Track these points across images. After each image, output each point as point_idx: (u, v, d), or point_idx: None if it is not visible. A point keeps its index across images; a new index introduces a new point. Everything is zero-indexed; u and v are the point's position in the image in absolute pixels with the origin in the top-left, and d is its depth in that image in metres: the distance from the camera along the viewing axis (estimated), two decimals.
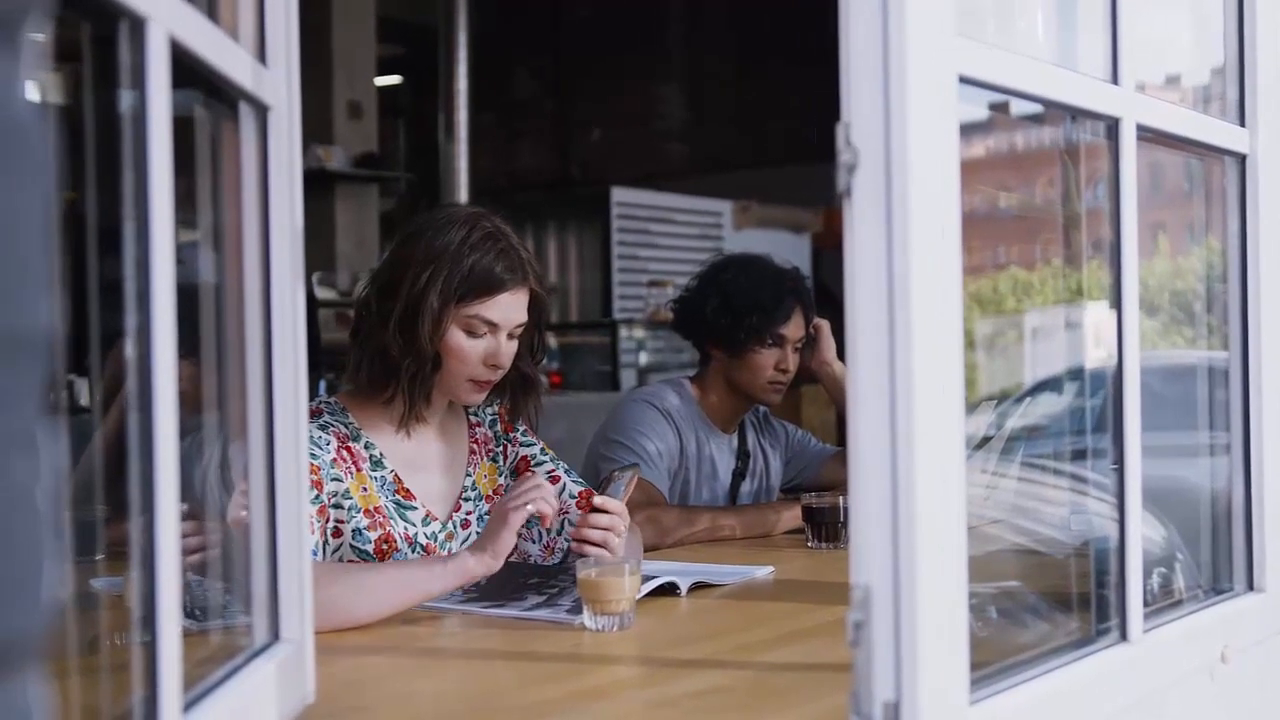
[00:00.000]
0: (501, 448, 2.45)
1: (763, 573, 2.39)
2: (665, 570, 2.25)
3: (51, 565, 0.59)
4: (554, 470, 2.44)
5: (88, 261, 1.06)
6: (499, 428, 2.46)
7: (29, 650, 0.57)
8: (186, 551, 1.62)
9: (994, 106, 1.50)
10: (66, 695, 1.10)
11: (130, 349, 1.03)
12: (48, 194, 0.59)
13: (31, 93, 0.59)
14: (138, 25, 1.01)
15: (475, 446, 2.42)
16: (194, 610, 1.39)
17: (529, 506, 2.02)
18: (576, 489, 2.41)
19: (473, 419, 2.45)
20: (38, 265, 0.58)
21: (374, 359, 2.23)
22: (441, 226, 2.23)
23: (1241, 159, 1.84)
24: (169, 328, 1.04)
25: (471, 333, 2.22)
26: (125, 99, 1.03)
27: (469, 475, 2.38)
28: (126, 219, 1.03)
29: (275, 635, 1.40)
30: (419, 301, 2.18)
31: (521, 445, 2.47)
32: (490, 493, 2.40)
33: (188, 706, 1.11)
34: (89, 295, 1.05)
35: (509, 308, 2.25)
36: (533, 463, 2.45)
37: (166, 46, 1.04)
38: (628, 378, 7.60)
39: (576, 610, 1.93)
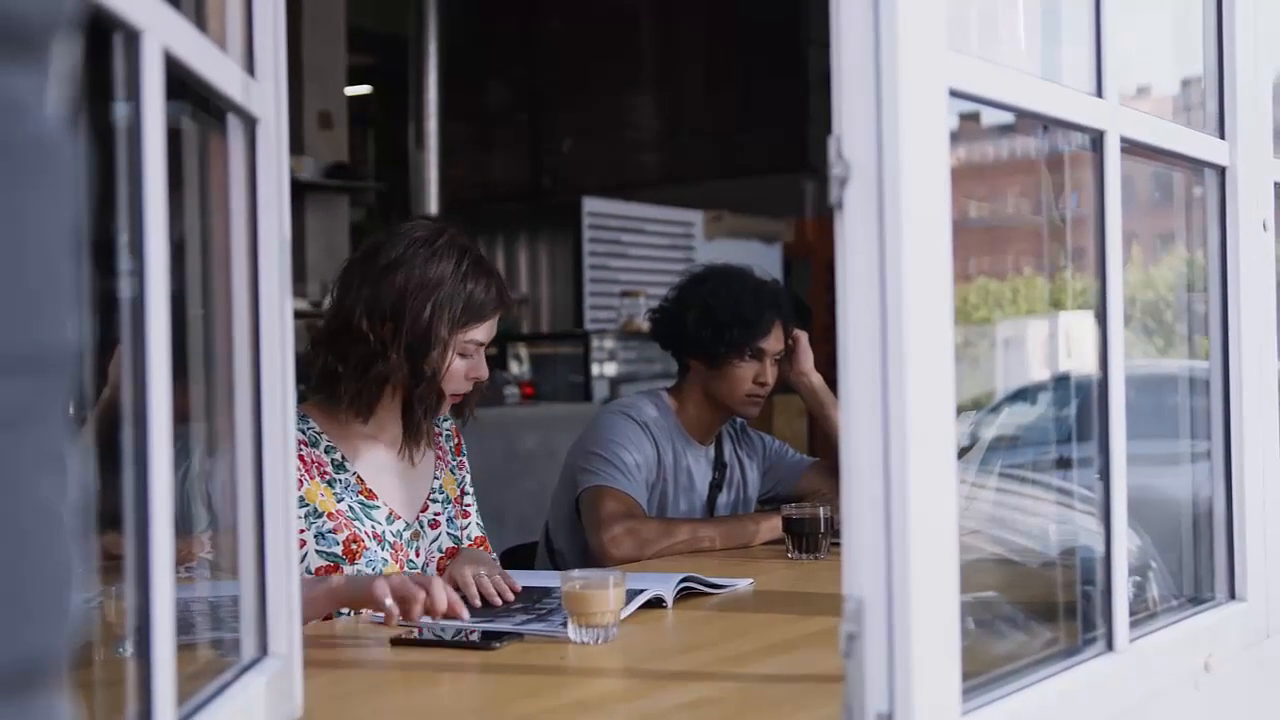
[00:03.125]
0: (458, 461, 2.56)
1: (744, 584, 2.39)
2: (648, 582, 2.24)
3: (76, 585, 0.58)
4: (470, 506, 2.55)
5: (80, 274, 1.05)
6: (452, 444, 2.55)
7: (59, 666, 0.57)
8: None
9: (965, 116, 1.51)
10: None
11: (124, 361, 1.02)
12: (76, 209, 0.59)
13: (58, 108, 0.59)
14: (132, 37, 1.00)
15: (440, 453, 2.50)
16: (179, 623, 1.39)
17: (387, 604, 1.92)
18: (476, 533, 2.51)
19: (434, 427, 2.51)
20: (66, 281, 0.58)
21: (376, 385, 2.29)
22: (428, 256, 2.29)
23: (1221, 170, 1.85)
24: (163, 339, 1.03)
25: (464, 354, 2.33)
26: (119, 110, 1.03)
27: (436, 478, 2.46)
28: (120, 230, 1.03)
29: (264, 650, 1.39)
30: (428, 333, 2.27)
31: (466, 471, 2.57)
32: (453, 498, 2.49)
33: None
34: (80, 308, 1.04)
35: (494, 327, 2.38)
36: (464, 492, 2.55)
37: (161, 58, 1.03)
38: (600, 388, 7.59)
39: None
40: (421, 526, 2.40)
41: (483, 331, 2.34)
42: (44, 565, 0.55)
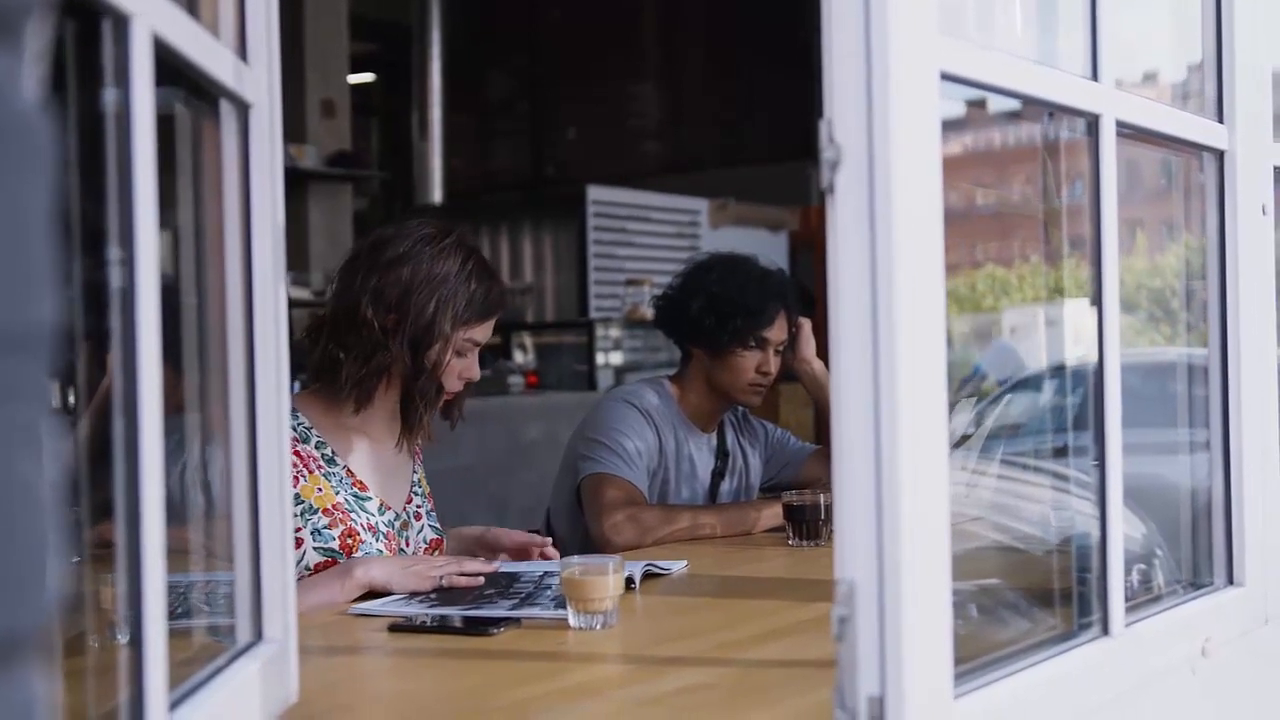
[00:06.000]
0: (422, 460, 2.59)
1: (677, 567, 2.41)
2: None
3: (54, 560, 0.59)
4: (429, 506, 2.56)
5: (69, 262, 1.06)
6: (421, 442, 2.58)
7: (34, 644, 0.58)
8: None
9: (971, 103, 1.51)
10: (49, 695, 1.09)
11: (114, 351, 1.03)
12: (51, 190, 0.59)
13: (33, 88, 0.59)
14: (121, 22, 1.00)
15: (417, 450, 2.54)
16: (175, 610, 1.39)
17: (442, 581, 2.17)
18: (430, 535, 2.51)
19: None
20: (42, 261, 0.58)
21: (376, 375, 2.32)
22: (435, 253, 2.33)
23: (1220, 155, 1.85)
24: (153, 328, 1.03)
25: (459, 353, 2.36)
26: (108, 96, 1.03)
27: (415, 472, 2.51)
28: (109, 218, 1.03)
29: (259, 635, 1.39)
30: (430, 328, 2.30)
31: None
32: (428, 493, 2.54)
33: (173, 706, 1.10)
34: (70, 296, 1.05)
35: (490, 328, 2.41)
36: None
37: (150, 44, 1.03)
38: (604, 377, 7.59)
39: (561, 605, 1.93)
40: (408, 517, 2.44)
41: (481, 331, 2.37)
42: (19, 541, 0.56)
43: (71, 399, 1.38)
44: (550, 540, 2.51)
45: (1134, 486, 1.64)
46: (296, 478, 2.25)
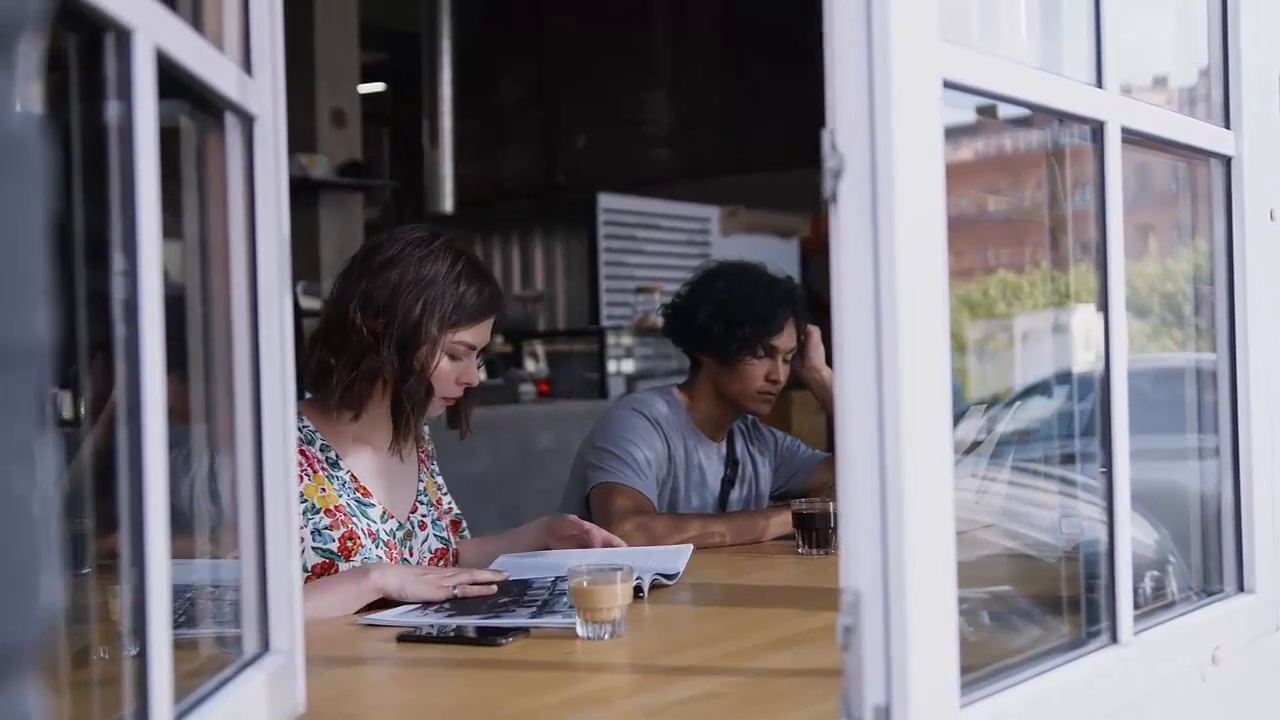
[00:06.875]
0: (436, 465, 2.60)
1: (684, 557, 2.43)
2: (652, 558, 2.35)
3: (48, 574, 0.59)
4: (435, 515, 2.54)
5: (73, 273, 1.06)
6: (432, 448, 2.59)
7: (27, 658, 0.58)
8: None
9: (981, 110, 1.51)
10: (57, 707, 1.09)
11: (118, 361, 1.03)
12: (44, 205, 0.60)
13: (27, 104, 0.59)
14: (124, 36, 1.01)
15: (423, 458, 2.55)
16: (180, 619, 1.39)
17: (455, 590, 2.17)
18: (436, 545, 2.50)
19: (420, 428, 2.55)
20: (35, 276, 0.58)
21: (366, 379, 2.32)
22: (423, 256, 2.33)
23: (1227, 161, 1.84)
24: (157, 339, 1.04)
25: (453, 356, 2.36)
26: (111, 109, 1.03)
27: (421, 481, 2.51)
28: (113, 230, 1.03)
29: (265, 646, 1.39)
30: (417, 329, 2.30)
31: (438, 475, 2.60)
32: (435, 501, 2.53)
33: (178, 718, 1.11)
34: (74, 307, 1.05)
35: (487, 331, 2.40)
36: (444, 493, 2.60)
37: (153, 57, 1.04)
38: (616, 385, 7.59)
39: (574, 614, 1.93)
40: (412, 527, 2.44)
41: (473, 334, 2.36)
42: (14, 557, 0.56)
43: (82, 410, 1.38)
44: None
45: (1145, 493, 1.64)
46: (300, 476, 2.26)
